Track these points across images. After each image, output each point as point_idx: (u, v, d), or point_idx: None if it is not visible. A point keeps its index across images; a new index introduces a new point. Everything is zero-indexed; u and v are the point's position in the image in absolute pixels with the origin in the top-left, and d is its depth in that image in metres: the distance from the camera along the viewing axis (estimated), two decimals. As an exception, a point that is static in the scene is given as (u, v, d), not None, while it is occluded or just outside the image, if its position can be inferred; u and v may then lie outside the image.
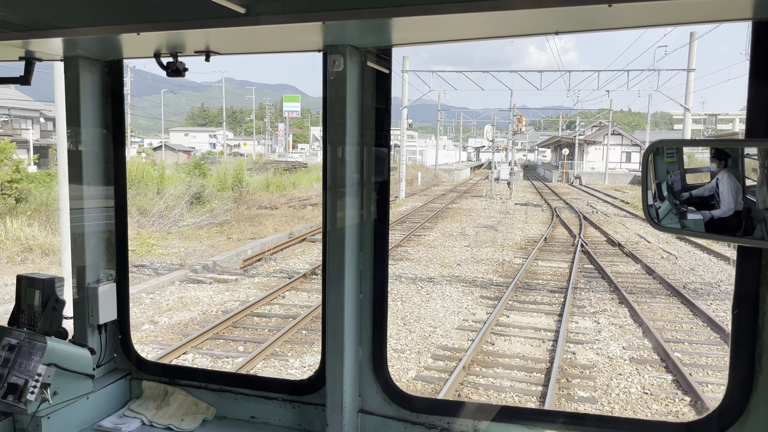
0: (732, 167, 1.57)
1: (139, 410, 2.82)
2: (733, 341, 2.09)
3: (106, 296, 2.86)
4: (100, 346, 2.88)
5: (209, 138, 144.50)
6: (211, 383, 2.81)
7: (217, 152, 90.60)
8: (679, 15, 1.88)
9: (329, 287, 2.45)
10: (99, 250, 2.91)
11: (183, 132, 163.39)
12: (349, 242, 2.43)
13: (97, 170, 2.85)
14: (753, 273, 1.99)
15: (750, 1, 1.71)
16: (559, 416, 2.47)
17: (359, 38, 2.25)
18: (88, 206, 2.86)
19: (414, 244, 21.22)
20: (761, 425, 2.03)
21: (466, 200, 40.15)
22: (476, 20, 1.89)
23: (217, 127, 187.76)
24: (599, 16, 1.85)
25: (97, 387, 2.73)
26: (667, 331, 11.26)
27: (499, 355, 9.98)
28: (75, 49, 2.58)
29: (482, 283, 15.10)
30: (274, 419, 2.69)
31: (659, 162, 1.68)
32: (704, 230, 1.64)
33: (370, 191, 2.50)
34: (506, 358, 9.78)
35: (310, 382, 2.65)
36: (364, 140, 2.44)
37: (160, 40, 2.31)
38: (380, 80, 2.44)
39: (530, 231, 25.05)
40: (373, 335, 2.57)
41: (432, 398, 5.58)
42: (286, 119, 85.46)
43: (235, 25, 1.99)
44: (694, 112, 70.49)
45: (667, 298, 13.77)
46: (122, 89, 2.92)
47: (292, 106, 78.20)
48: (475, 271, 16.62)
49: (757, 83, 1.88)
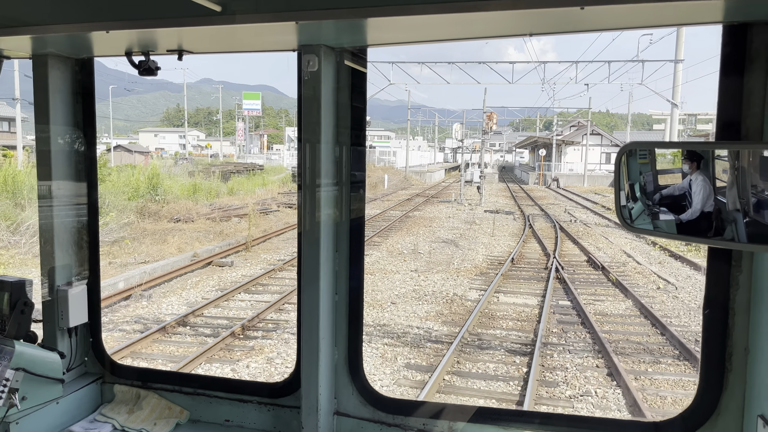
0: (704, 169, 1.57)
1: (111, 415, 2.79)
2: (703, 341, 2.14)
3: (76, 299, 2.79)
4: (71, 349, 2.84)
5: (179, 139, 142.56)
6: (185, 386, 2.79)
7: (186, 153, 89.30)
8: (649, 18, 1.93)
9: (304, 288, 2.45)
10: (70, 252, 2.85)
11: (153, 132, 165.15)
12: (324, 243, 2.42)
13: (68, 169, 2.80)
14: (723, 274, 2.04)
15: (720, 5, 1.75)
16: (534, 417, 2.55)
17: (334, 38, 2.26)
18: (58, 207, 2.78)
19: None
20: (732, 424, 2.07)
21: (432, 207, 35.94)
22: (452, 21, 1.92)
23: (193, 127, 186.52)
24: (572, 19, 1.89)
25: (67, 391, 2.71)
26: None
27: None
28: (44, 46, 2.56)
29: (415, 339, 10.78)
30: (249, 422, 2.68)
31: (632, 163, 1.68)
32: (676, 231, 1.65)
33: (346, 191, 2.49)
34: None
35: (285, 385, 2.64)
36: (339, 140, 2.44)
37: (131, 38, 2.29)
38: (356, 80, 2.43)
39: (497, 247, 20.89)
40: (349, 337, 2.56)
41: (408, 400, 5.08)
42: (246, 117, 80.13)
43: (209, 23, 1.99)
44: (674, 111, 67.08)
45: (676, 365, 9.61)
46: (93, 88, 2.84)
47: (252, 103, 73.18)
48: (411, 315, 12.31)
49: (727, 86, 1.93)
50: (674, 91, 32.27)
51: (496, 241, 22.36)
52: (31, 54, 2.62)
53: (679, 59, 31.62)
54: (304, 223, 2.39)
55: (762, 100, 1.88)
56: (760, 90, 1.88)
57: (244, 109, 73.46)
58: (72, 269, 2.85)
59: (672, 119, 33.52)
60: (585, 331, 11.13)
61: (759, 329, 1.97)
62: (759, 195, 1.43)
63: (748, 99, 1.90)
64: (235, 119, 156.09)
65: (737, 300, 2.02)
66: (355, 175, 2.49)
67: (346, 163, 2.46)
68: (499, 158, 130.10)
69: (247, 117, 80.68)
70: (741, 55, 1.88)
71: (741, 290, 2.02)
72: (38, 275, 2.79)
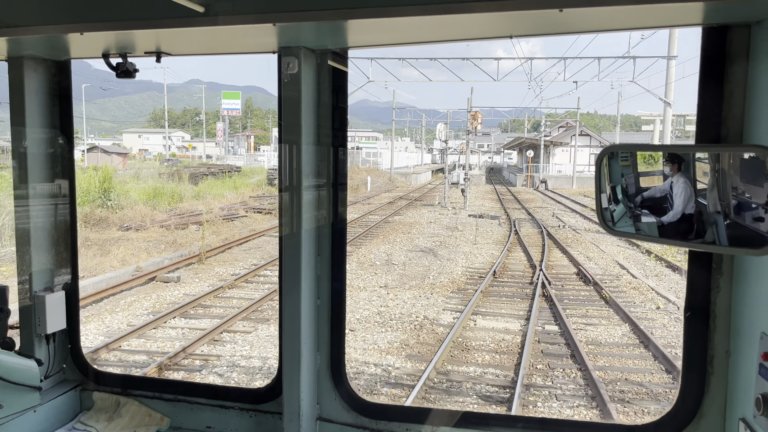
0: (685, 171, 1.57)
1: (90, 422, 2.77)
2: (685, 345, 2.13)
3: (54, 305, 2.76)
4: (49, 356, 2.81)
5: (163, 140, 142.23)
6: (166, 393, 2.76)
7: (169, 154, 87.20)
8: (628, 20, 1.93)
9: (286, 293, 2.43)
10: (47, 257, 2.81)
11: (137, 133, 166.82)
12: (306, 246, 2.41)
13: (45, 173, 2.77)
14: (704, 277, 2.03)
15: (699, 8, 1.75)
16: (518, 421, 2.56)
17: (314, 40, 2.27)
18: (35, 211, 2.76)
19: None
20: (713, 427, 2.08)
21: (414, 210, 34.12)
22: (433, 23, 1.93)
23: (180, 128, 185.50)
24: (552, 21, 1.89)
25: (45, 399, 2.69)
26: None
27: None
28: (19, 48, 2.54)
29: (369, 382, 8.89)
30: (231, 428, 2.66)
31: (614, 165, 1.68)
32: (657, 234, 1.64)
33: (327, 193, 2.47)
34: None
35: (267, 390, 2.62)
36: (321, 141, 2.43)
37: (108, 40, 2.28)
38: (337, 81, 2.42)
39: (478, 257, 19.08)
40: (332, 341, 2.54)
41: (391, 405, 4.67)
42: (225, 117, 77.59)
43: (187, 25, 1.98)
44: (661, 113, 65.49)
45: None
46: (70, 89, 2.81)
47: (232, 103, 70.72)
48: (371, 347, 10.41)
49: (707, 89, 1.93)
50: (667, 89, 30.53)
51: (479, 249, 20.56)
52: (7, 56, 2.60)
53: (672, 55, 30.00)
54: (285, 227, 2.39)
55: (742, 102, 1.88)
56: (739, 92, 1.89)
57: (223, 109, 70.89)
58: (50, 274, 2.80)
59: (665, 119, 31.81)
60: (575, 368, 9.31)
61: (740, 332, 1.96)
62: (739, 197, 1.42)
63: (728, 101, 1.90)
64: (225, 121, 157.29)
65: (718, 303, 2.02)
66: (337, 176, 2.45)
67: (327, 164, 2.44)
68: (488, 160, 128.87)
69: (227, 117, 78.08)
70: (721, 58, 1.89)
71: (722, 293, 2.02)
72: (15, 281, 2.74)
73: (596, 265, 17.82)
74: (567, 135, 70.19)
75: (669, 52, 29.70)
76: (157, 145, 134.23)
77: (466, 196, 35.37)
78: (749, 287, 1.90)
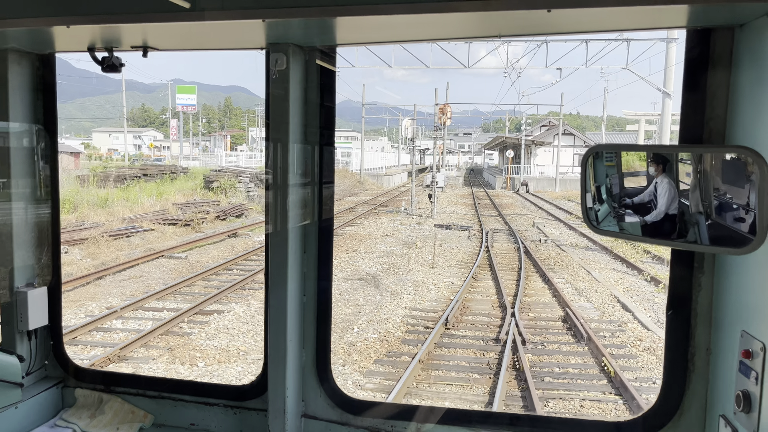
0: (669, 171, 1.59)
1: (72, 419, 2.72)
2: (666, 342, 2.15)
3: (36, 301, 2.74)
4: (30, 352, 2.79)
5: (134, 139, 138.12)
6: (150, 390, 2.76)
7: (137, 154, 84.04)
8: (615, 22, 1.97)
9: (272, 290, 2.43)
10: (29, 252, 2.80)
11: (107, 133, 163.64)
12: (292, 244, 2.41)
13: (27, 167, 2.75)
14: (686, 276, 2.05)
15: (684, 10, 1.77)
16: (503, 418, 2.51)
17: (303, 37, 2.27)
18: (17, 206, 2.75)
19: (183, 343, 10.00)
20: (694, 424, 2.10)
21: (373, 218, 29.32)
22: (421, 21, 1.94)
23: (159, 127, 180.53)
24: (539, 21, 1.91)
25: (26, 396, 2.68)
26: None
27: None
28: (3, 41, 2.51)
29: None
30: (215, 426, 2.66)
31: (598, 165, 1.71)
32: (641, 234, 1.66)
33: (314, 191, 2.48)
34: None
35: (251, 387, 2.61)
36: (308, 139, 2.44)
37: (93, 34, 2.26)
38: (325, 79, 2.43)
39: (432, 289, 14.30)
40: (317, 338, 2.54)
41: (376, 402, 4.87)
42: (180, 114, 71.84)
43: (175, 20, 1.98)
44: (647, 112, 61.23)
45: None
46: (54, 84, 2.77)
47: (187, 98, 65.12)
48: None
49: (690, 90, 1.95)
50: (666, 76, 25.97)
51: (436, 276, 15.77)
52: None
53: (672, 38, 25.49)
54: (270, 224, 2.38)
55: (724, 103, 1.93)
56: (722, 94, 1.93)
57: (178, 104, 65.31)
58: (32, 270, 2.79)
59: (663, 113, 27.20)
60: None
61: (721, 330, 2.01)
62: (721, 198, 1.46)
63: (711, 102, 1.94)
64: (200, 120, 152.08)
65: (699, 301, 2.06)
66: (324, 174, 2.47)
67: (314, 162, 2.45)
68: (468, 160, 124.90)
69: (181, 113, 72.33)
70: (705, 60, 1.93)
71: (703, 291, 2.06)
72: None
73: (589, 303, 13.14)
74: (549, 134, 65.93)
75: (668, 33, 25.24)
76: (129, 144, 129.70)
77: (434, 202, 30.62)
78: (730, 286, 1.94)
